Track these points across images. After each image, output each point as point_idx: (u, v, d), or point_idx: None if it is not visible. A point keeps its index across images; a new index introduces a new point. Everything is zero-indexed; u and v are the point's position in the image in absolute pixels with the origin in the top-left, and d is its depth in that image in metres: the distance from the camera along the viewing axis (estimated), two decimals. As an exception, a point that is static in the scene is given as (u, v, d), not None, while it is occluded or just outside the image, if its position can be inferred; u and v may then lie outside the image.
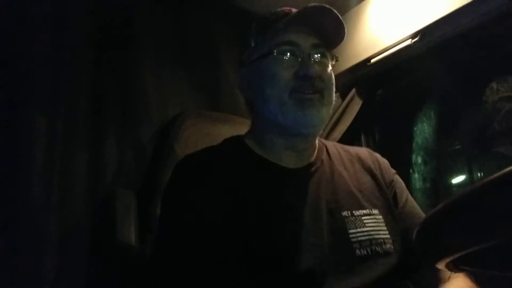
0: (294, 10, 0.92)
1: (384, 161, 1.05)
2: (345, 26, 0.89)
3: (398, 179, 1.03)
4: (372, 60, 1.49)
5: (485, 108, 1.46)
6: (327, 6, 0.87)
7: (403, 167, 1.06)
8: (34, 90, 1.12)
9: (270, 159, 0.92)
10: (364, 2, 1.53)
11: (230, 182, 0.85)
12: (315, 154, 0.96)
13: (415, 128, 1.76)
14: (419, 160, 1.72)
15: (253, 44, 0.94)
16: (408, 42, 1.36)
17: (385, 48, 1.44)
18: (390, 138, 1.80)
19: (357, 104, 1.60)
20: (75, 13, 1.24)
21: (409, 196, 1.02)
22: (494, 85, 1.44)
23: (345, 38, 0.92)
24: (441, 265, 0.58)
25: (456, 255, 0.54)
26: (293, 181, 0.90)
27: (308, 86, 0.87)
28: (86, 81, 1.24)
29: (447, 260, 0.56)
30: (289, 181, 0.89)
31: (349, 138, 1.58)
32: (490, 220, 0.47)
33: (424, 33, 1.32)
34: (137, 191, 1.23)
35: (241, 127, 1.30)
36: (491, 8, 1.16)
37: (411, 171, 1.70)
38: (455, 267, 0.59)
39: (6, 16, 1.11)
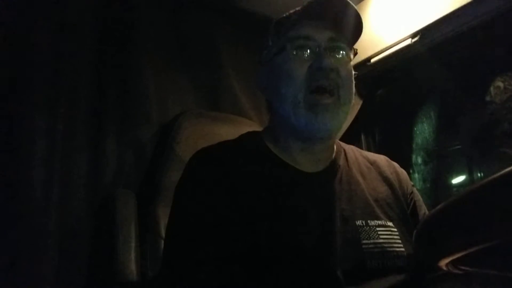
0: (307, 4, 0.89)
1: (403, 172, 1.02)
2: (361, 17, 0.86)
3: (415, 191, 1.01)
4: (372, 60, 1.49)
5: (492, 107, 1.43)
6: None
7: (403, 167, 1.05)
8: (34, 90, 1.12)
9: (286, 161, 0.90)
10: (364, 2, 1.53)
11: (245, 181, 0.84)
12: (332, 158, 0.93)
13: (415, 128, 1.75)
14: (419, 160, 1.72)
15: (270, 43, 0.92)
16: (408, 41, 1.36)
17: (385, 48, 1.44)
18: (390, 138, 1.80)
19: (357, 104, 1.60)
20: (76, 13, 1.24)
21: (426, 210, 0.99)
22: (500, 83, 1.41)
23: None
24: (441, 265, 0.58)
25: (456, 255, 0.53)
26: (308, 185, 0.87)
27: (323, 78, 0.83)
28: (86, 81, 1.24)
29: (447, 260, 0.56)
30: (304, 185, 0.87)
31: (349, 138, 1.58)
32: (490, 220, 0.47)
33: (424, 33, 1.32)
34: (137, 191, 1.23)
35: (241, 127, 1.31)
36: (491, 8, 1.16)
37: (411, 171, 1.70)
38: (455, 267, 0.59)
39: (6, 16, 1.12)
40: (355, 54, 0.92)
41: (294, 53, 0.86)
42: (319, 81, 0.84)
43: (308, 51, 0.86)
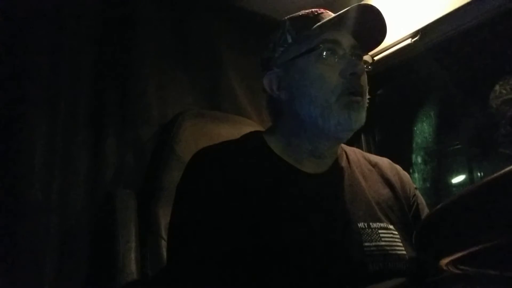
0: (320, 10, 0.91)
1: (405, 174, 1.02)
2: (387, 31, 0.88)
3: (418, 194, 1.00)
4: (372, 60, 1.49)
5: (490, 111, 1.45)
6: (376, 7, 0.86)
7: (403, 167, 1.05)
8: (34, 90, 1.12)
9: (288, 161, 0.89)
10: (364, 2, 1.53)
11: (245, 181, 0.83)
12: (335, 160, 0.93)
13: (415, 128, 1.75)
14: (419, 160, 1.72)
15: (290, 40, 0.90)
16: (408, 41, 1.36)
17: (385, 48, 1.44)
18: (390, 138, 1.80)
19: (357, 104, 1.60)
20: (76, 13, 1.24)
21: None
22: (497, 87, 1.43)
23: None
24: (441, 265, 0.58)
25: (456, 255, 0.53)
26: (310, 187, 0.87)
27: (357, 84, 0.85)
28: (86, 81, 1.24)
29: (447, 260, 0.56)
30: (306, 186, 0.87)
31: (349, 138, 1.58)
32: (490, 220, 0.47)
33: (424, 33, 1.32)
34: (137, 191, 1.23)
35: (241, 127, 1.31)
36: (491, 7, 1.16)
37: (411, 170, 1.70)
38: (455, 267, 0.59)
39: (6, 15, 1.12)
40: (372, 62, 0.93)
41: (323, 56, 0.86)
42: (353, 86, 0.85)
43: (335, 55, 0.87)
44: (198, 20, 1.54)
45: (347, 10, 0.85)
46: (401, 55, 1.42)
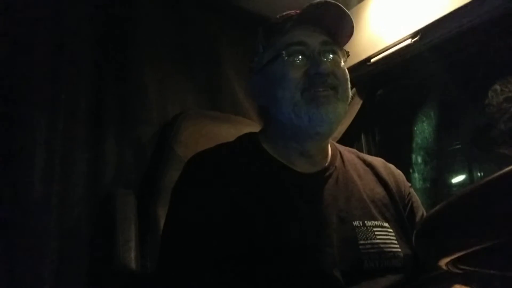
0: (291, 13, 0.91)
1: (399, 173, 1.03)
2: (352, 20, 0.87)
3: (413, 192, 1.01)
4: (372, 60, 1.49)
5: (489, 110, 1.46)
6: (332, 1, 0.85)
7: (403, 167, 1.05)
8: (34, 90, 1.12)
9: (283, 162, 0.90)
10: (364, 2, 1.53)
11: (242, 183, 0.84)
12: (328, 159, 0.94)
13: (415, 128, 1.76)
14: (419, 160, 1.72)
15: (261, 50, 0.92)
16: (408, 41, 1.36)
17: (385, 48, 1.44)
18: (390, 138, 1.80)
19: (357, 104, 1.60)
20: (76, 13, 1.24)
21: (424, 211, 1.00)
22: (497, 86, 1.45)
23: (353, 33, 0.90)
24: (441, 265, 0.58)
25: (456, 255, 0.54)
26: (305, 186, 0.88)
27: (320, 83, 0.84)
28: (86, 81, 1.24)
29: (447, 260, 0.56)
30: (301, 186, 0.87)
31: (349, 138, 1.58)
32: (490, 220, 0.47)
33: (424, 33, 1.32)
34: (137, 191, 1.23)
35: (241, 127, 1.31)
36: (491, 7, 1.16)
37: (411, 171, 1.70)
38: (455, 267, 0.59)
39: (6, 16, 1.12)
40: (347, 55, 0.93)
41: (289, 59, 0.86)
42: (316, 85, 0.84)
43: (303, 57, 0.87)
44: (198, 19, 1.54)
45: (305, 8, 0.85)
46: (401, 55, 1.42)
